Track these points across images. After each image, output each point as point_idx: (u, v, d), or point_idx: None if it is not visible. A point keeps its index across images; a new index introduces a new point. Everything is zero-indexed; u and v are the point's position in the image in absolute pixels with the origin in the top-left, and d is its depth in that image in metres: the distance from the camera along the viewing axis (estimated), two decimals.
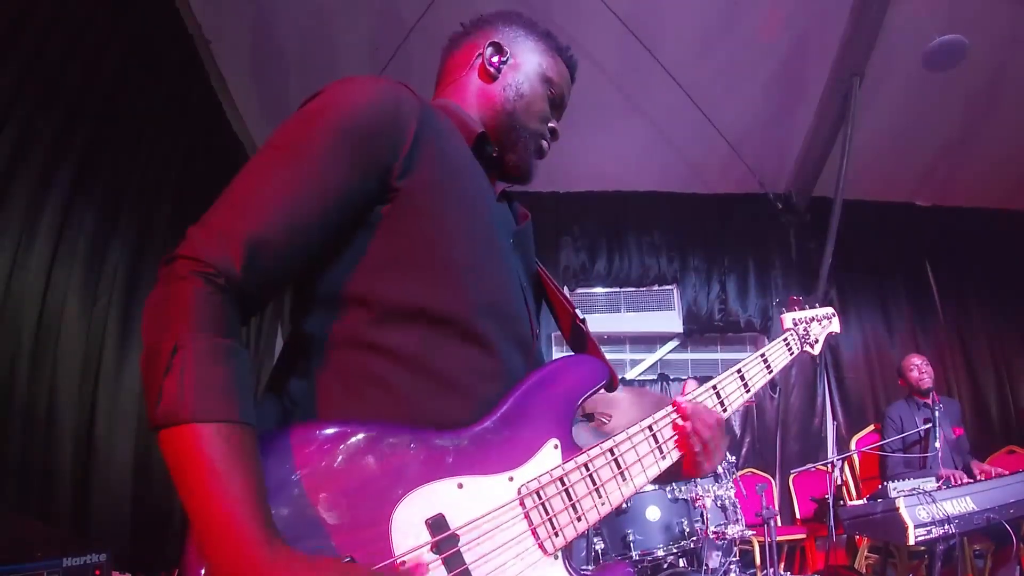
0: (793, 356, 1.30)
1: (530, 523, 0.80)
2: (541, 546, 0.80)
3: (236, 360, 0.68)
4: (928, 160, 5.26)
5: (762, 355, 1.20)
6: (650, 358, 5.48)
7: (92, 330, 2.89)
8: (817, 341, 1.40)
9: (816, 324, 1.41)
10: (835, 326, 1.45)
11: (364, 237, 0.82)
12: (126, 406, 3.07)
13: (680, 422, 0.97)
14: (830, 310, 1.46)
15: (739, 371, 1.13)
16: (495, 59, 1.04)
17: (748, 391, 1.13)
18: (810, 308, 1.43)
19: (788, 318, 1.39)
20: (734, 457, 3.18)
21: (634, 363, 5.46)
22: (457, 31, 1.13)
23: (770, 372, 1.20)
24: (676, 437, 0.97)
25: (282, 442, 0.70)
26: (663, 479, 1.00)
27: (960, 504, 2.73)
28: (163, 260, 0.70)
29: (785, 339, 1.30)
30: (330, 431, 0.72)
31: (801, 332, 1.37)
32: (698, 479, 2.89)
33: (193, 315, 0.66)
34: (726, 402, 1.08)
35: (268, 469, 0.67)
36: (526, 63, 1.06)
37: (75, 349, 2.77)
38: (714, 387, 1.07)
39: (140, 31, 3.26)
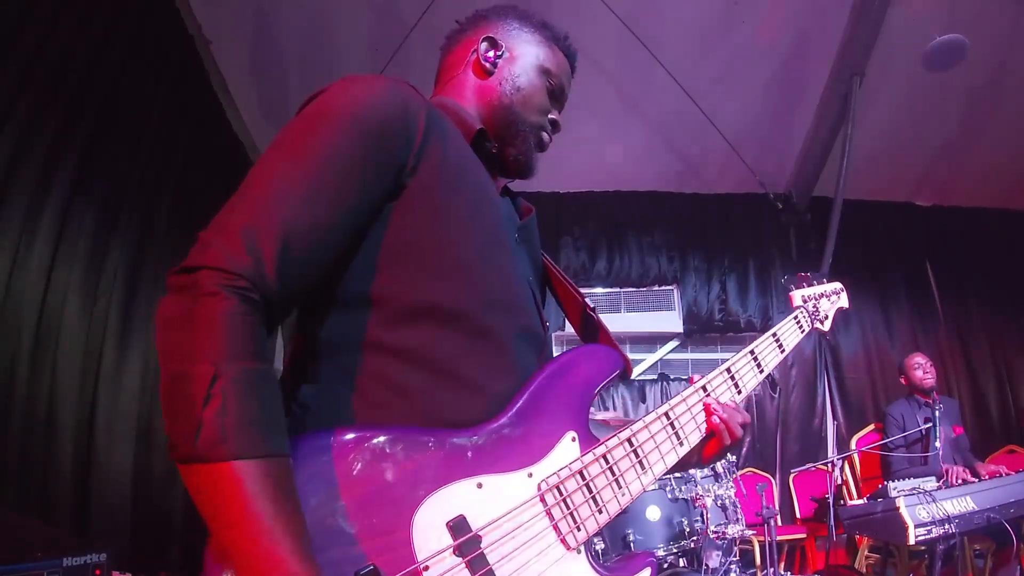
0: (804, 333, 1.28)
1: (551, 519, 0.79)
2: (564, 541, 0.79)
3: (272, 386, 0.66)
4: (928, 160, 5.26)
5: (773, 334, 1.19)
6: (650, 358, 5.48)
7: (92, 330, 2.88)
8: (827, 317, 1.39)
9: (825, 300, 1.40)
10: (844, 301, 1.44)
11: (373, 236, 0.81)
12: (126, 406, 3.06)
13: (711, 414, 0.98)
14: (838, 285, 1.44)
15: (752, 352, 1.12)
16: (490, 54, 1.03)
17: (761, 372, 1.12)
18: (818, 284, 1.41)
19: (797, 295, 1.37)
20: (734, 457, 3.18)
21: (634, 363, 5.45)
22: (453, 29, 1.12)
23: (782, 351, 1.19)
24: (695, 420, 0.97)
25: (297, 452, 0.68)
26: (681, 466, 1.00)
27: (960, 504, 2.73)
28: (180, 268, 0.66)
29: (795, 317, 1.29)
30: (345, 437, 0.71)
31: (811, 309, 1.35)
32: (698, 479, 2.89)
33: (229, 339, 0.63)
34: (740, 383, 1.07)
35: None
36: (522, 56, 1.04)
37: (75, 349, 2.76)
38: (728, 369, 1.06)
39: (140, 31, 3.26)
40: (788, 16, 4.18)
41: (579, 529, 0.80)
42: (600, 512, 0.83)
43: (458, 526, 0.72)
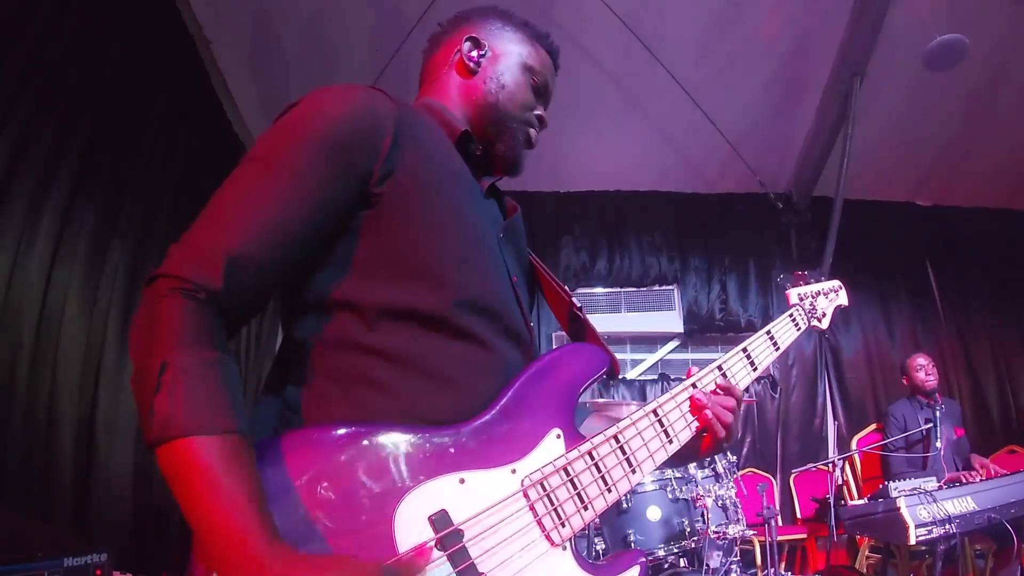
0: (800, 331, 1.27)
1: (535, 514, 0.79)
2: (548, 537, 0.79)
3: (224, 372, 0.69)
4: (928, 160, 5.25)
5: (768, 331, 1.18)
6: (651, 358, 5.47)
7: (92, 330, 2.89)
8: (825, 315, 1.37)
9: (823, 298, 1.38)
10: (843, 299, 1.41)
11: (348, 242, 0.83)
12: (126, 406, 3.06)
13: (700, 408, 0.98)
14: (836, 283, 1.41)
15: (744, 349, 1.11)
16: (473, 53, 1.05)
17: (755, 369, 1.11)
18: (815, 282, 1.39)
19: (793, 293, 1.36)
20: (735, 457, 3.18)
21: (635, 363, 5.45)
22: (435, 31, 1.13)
23: (777, 349, 1.17)
24: (685, 418, 0.97)
25: (280, 448, 0.70)
26: (678, 460, 0.99)
27: (961, 504, 2.73)
28: (145, 280, 0.71)
29: (791, 314, 1.27)
30: (327, 435, 0.72)
31: (807, 307, 1.34)
32: (699, 479, 2.89)
33: (177, 331, 0.67)
34: (733, 381, 1.06)
35: (268, 476, 0.67)
36: (506, 54, 1.06)
37: (75, 349, 2.76)
38: (719, 367, 1.06)
39: (140, 31, 3.26)
40: (788, 16, 4.18)
41: (564, 525, 0.80)
42: (586, 509, 0.83)
43: (440, 520, 0.72)
